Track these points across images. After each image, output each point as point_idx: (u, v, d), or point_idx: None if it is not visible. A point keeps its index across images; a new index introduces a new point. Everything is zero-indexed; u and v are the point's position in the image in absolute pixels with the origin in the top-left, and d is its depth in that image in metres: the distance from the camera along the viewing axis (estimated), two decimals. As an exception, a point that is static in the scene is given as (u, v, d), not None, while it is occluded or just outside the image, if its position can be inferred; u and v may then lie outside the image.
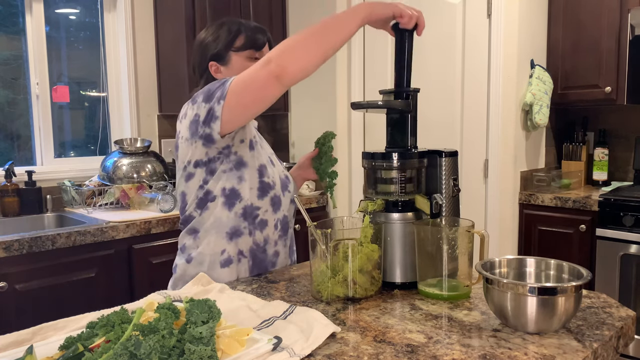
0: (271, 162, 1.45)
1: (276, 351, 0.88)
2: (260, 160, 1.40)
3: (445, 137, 2.92)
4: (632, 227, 2.48)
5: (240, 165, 1.35)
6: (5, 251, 1.97)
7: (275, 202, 1.42)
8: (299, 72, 1.19)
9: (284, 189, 1.45)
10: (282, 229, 1.47)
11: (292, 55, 1.17)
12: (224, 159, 1.34)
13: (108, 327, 0.86)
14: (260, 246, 1.42)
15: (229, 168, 1.34)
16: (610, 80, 2.77)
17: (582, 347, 0.90)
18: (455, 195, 1.31)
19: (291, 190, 1.49)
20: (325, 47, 1.19)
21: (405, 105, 1.29)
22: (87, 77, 3.05)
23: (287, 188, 1.48)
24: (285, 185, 1.46)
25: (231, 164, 1.34)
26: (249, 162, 1.36)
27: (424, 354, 0.90)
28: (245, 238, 1.39)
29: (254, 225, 1.39)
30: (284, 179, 1.47)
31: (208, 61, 1.44)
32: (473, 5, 2.79)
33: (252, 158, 1.37)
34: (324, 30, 1.19)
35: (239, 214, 1.36)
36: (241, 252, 1.39)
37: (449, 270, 1.17)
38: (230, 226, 1.36)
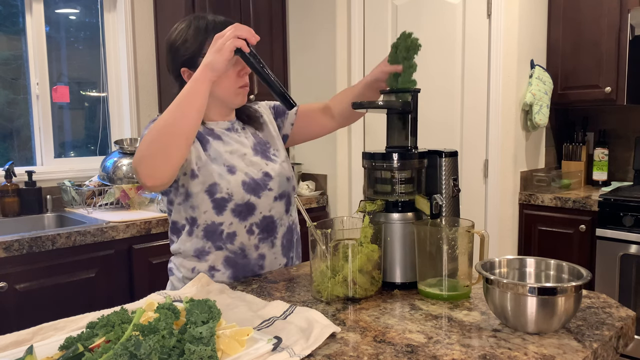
0: (230, 171, 1.37)
1: (276, 351, 0.88)
2: (209, 180, 1.35)
3: (445, 137, 2.92)
4: (632, 227, 2.48)
5: (188, 196, 1.37)
6: (5, 251, 1.97)
7: (240, 211, 1.37)
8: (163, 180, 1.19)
9: (254, 192, 1.38)
10: (262, 231, 1.41)
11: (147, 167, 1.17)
12: (175, 191, 1.39)
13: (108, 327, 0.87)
14: (239, 254, 1.39)
15: (181, 200, 1.38)
16: (610, 80, 2.77)
17: (582, 347, 0.90)
18: (455, 196, 1.31)
19: (273, 188, 1.41)
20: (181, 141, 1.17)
21: (405, 105, 1.29)
22: (87, 77, 3.05)
23: (264, 188, 1.40)
24: (256, 187, 1.39)
25: (182, 197, 1.38)
26: (194, 191, 1.35)
27: (424, 354, 0.90)
28: (213, 254, 1.39)
29: (222, 241, 1.38)
30: (255, 180, 1.39)
31: (180, 67, 1.38)
32: (473, 5, 2.79)
33: (197, 185, 1.35)
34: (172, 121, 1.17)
35: (200, 237, 1.39)
36: (213, 267, 1.39)
37: (449, 270, 1.17)
38: (194, 249, 1.40)
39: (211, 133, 1.41)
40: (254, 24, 3.11)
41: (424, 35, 2.97)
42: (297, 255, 1.56)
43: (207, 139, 1.39)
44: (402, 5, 3.02)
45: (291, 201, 1.49)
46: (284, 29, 3.30)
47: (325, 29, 3.12)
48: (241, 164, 1.40)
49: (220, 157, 1.38)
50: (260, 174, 1.41)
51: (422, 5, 2.96)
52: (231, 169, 1.38)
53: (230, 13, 2.99)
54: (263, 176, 1.41)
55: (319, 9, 3.14)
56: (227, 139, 1.42)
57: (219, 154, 1.38)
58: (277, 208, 1.44)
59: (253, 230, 1.40)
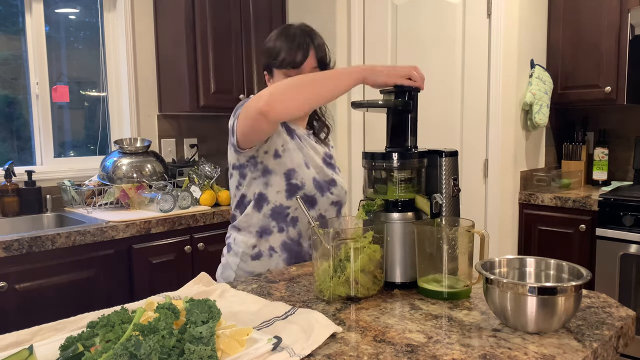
0: (306, 165, 1.52)
1: (276, 351, 0.88)
2: (289, 165, 1.49)
3: (445, 137, 2.92)
4: (632, 227, 2.48)
5: (266, 172, 1.50)
6: (5, 251, 1.97)
7: (306, 201, 1.49)
8: (284, 114, 1.33)
9: (320, 189, 1.53)
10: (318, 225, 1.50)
11: (280, 98, 1.30)
12: (252, 167, 1.50)
13: (108, 327, 0.86)
14: (295, 240, 1.53)
15: (257, 175, 1.50)
16: (610, 80, 2.77)
17: (582, 347, 0.90)
18: (455, 195, 1.31)
19: (334, 194, 1.56)
20: (313, 99, 1.33)
21: (405, 105, 1.29)
22: (87, 77, 3.05)
23: (327, 190, 1.54)
24: (322, 187, 1.53)
25: (258, 172, 1.50)
26: (274, 169, 1.49)
27: (424, 353, 0.90)
28: (276, 235, 1.52)
29: (285, 223, 1.51)
30: (322, 181, 1.54)
31: (264, 69, 1.56)
32: (473, 5, 2.79)
33: (277, 165, 1.49)
34: (315, 84, 1.32)
35: (267, 215, 1.51)
36: (272, 248, 1.53)
37: (449, 270, 1.17)
38: (259, 226, 1.52)
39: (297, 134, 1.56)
40: (254, 24, 3.11)
41: (424, 35, 2.97)
42: None
43: (293, 132, 1.55)
44: (402, 5, 3.02)
45: (341, 212, 1.63)
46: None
47: (325, 28, 3.12)
48: (314, 164, 1.54)
49: (302, 151, 1.53)
50: (327, 178, 1.56)
51: (422, 5, 2.96)
52: (307, 164, 1.53)
53: (230, 13, 2.99)
54: (329, 180, 1.56)
55: (319, 9, 3.14)
56: (306, 142, 1.57)
57: (302, 148, 1.53)
58: (331, 212, 1.57)
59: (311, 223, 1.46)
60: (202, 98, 2.89)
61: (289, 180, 1.50)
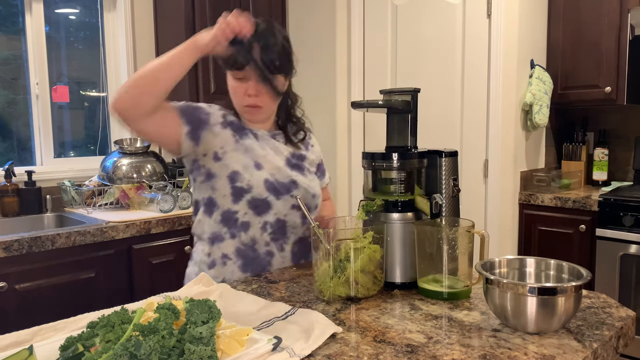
0: (256, 166, 1.43)
1: (276, 351, 0.88)
2: (232, 167, 1.42)
3: (445, 137, 2.92)
4: (632, 227, 2.48)
5: (210, 176, 1.44)
6: (5, 251, 1.97)
7: (257, 205, 1.42)
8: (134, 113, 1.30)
9: (274, 192, 1.43)
10: (275, 232, 1.46)
11: (123, 97, 1.29)
12: (197, 171, 1.47)
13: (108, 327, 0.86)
14: (249, 245, 1.45)
15: (203, 179, 1.45)
16: (610, 80, 2.77)
17: (582, 347, 0.90)
18: (455, 195, 1.31)
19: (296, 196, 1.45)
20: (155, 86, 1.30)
21: (405, 105, 1.29)
22: (87, 77, 3.05)
23: (286, 192, 1.44)
24: (277, 189, 1.43)
25: (203, 176, 1.45)
26: (217, 173, 1.42)
27: (424, 354, 0.90)
28: (228, 242, 1.45)
29: (236, 228, 1.44)
30: (279, 183, 1.44)
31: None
32: (473, 5, 2.79)
33: (220, 168, 1.42)
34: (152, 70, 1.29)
35: (217, 221, 1.45)
36: (225, 255, 1.45)
37: (449, 270, 1.17)
38: (211, 232, 1.46)
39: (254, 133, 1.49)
40: (253, 23, 3.10)
41: (424, 35, 2.97)
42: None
43: (247, 134, 1.48)
44: (402, 5, 3.02)
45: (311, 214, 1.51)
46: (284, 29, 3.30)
47: (325, 29, 3.12)
48: (270, 165, 1.46)
49: (251, 152, 1.44)
50: (287, 180, 1.46)
51: (422, 5, 2.96)
52: (258, 165, 1.44)
53: (230, 13, 2.99)
54: (289, 182, 1.46)
55: (319, 9, 3.14)
56: (265, 142, 1.49)
57: (252, 149, 1.45)
58: (293, 216, 1.47)
59: (266, 228, 1.45)
60: (202, 98, 2.89)
61: (233, 183, 1.41)
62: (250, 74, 1.40)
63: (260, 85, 1.41)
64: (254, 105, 1.44)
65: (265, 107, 1.46)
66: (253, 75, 1.40)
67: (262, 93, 1.42)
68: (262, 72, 1.36)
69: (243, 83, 1.42)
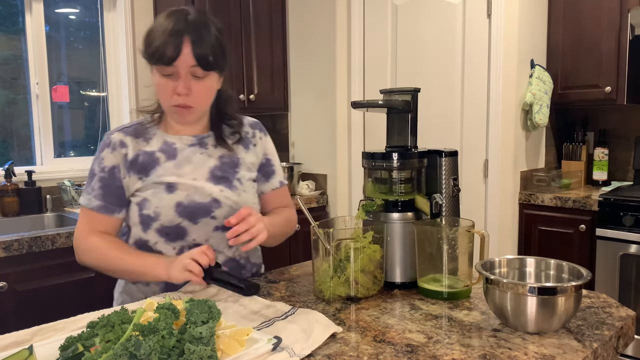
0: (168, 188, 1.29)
1: (276, 351, 0.88)
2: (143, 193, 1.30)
3: (445, 137, 2.92)
4: (632, 227, 2.48)
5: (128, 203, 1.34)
6: (5, 251, 1.97)
7: (168, 233, 1.29)
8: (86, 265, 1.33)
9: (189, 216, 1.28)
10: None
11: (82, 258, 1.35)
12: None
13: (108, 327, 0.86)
14: None
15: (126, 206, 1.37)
16: (610, 80, 2.77)
17: (582, 347, 0.90)
18: (455, 195, 1.31)
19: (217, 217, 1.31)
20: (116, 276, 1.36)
21: (405, 105, 1.29)
22: (87, 77, 3.05)
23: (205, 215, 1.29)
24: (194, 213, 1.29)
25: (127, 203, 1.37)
26: (131, 199, 1.33)
27: (424, 354, 0.90)
28: None
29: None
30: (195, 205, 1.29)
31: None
32: (473, 5, 2.79)
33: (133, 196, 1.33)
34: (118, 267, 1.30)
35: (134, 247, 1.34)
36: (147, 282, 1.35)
37: (449, 270, 1.17)
38: None
39: (167, 149, 1.33)
40: (254, 24, 3.11)
41: (424, 35, 2.97)
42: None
43: (157, 159, 1.32)
44: (402, 5, 3.02)
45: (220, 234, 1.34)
46: (284, 29, 3.30)
47: (325, 29, 3.12)
48: (186, 184, 1.30)
49: (163, 177, 1.30)
50: (207, 199, 1.30)
51: (422, 5, 2.96)
52: (171, 187, 1.29)
53: (230, 13, 2.99)
54: (210, 201, 1.30)
55: (319, 9, 3.14)
56: (183, 158, 1.33)
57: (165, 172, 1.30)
58: (217, 239, 1.32)
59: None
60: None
61: (140, 210, 1.29)
62: (180, 69, 1.22)
63: (191, 82, 1.24)
64: (184, 105, 1.26)
65: (197, 106, 1.29)
66: (183, 70, 1.22)
67: (194, 91, 1.25)
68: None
69: (171, 80, 1.24)
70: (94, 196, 1.32)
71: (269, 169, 1.46)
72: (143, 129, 1.36)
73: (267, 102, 3.21)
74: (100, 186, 1.32)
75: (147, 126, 1.37)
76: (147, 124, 1.37)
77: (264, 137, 1.46)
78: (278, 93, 3.28)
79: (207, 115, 1.38)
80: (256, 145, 1.43)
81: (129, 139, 1.33)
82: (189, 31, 1.21)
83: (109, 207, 1.31)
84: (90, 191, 1.32)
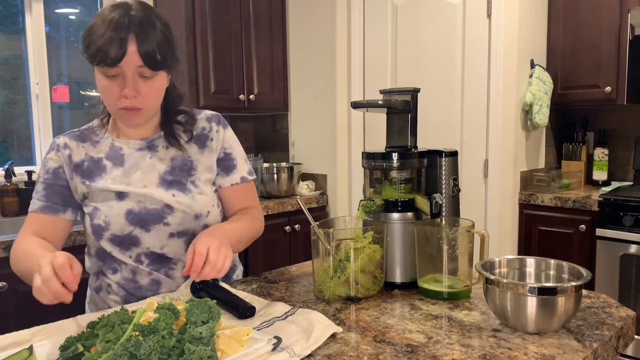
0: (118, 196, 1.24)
1: (276, 351, 0.88)
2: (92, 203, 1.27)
3: (445, 137, 2.92)
4: (632, 227, 2.48)
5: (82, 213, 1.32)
6: (5, 251, 1.97)
7: (120, 241, 1.25)
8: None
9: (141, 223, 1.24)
10: (153, 262, 1.27)
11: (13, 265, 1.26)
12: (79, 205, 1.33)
13: (108, 327, 0.87)
14: (130, 279, 1.28)
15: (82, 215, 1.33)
16: (610, 80, 2.77)
17: (582, 347, 0.90)
18: (455, 195, 1.31)
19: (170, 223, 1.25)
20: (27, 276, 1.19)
21: (405, 105, 1.29)
22: (87, 77, 3.05)
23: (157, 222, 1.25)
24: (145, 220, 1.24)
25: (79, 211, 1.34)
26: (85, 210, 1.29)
27: (424, 354, 0.90)
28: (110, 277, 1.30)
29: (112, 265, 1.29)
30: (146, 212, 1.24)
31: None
32: (473, 5, 2.79)
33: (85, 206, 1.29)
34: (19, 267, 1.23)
35: (95, 258, 1.32)
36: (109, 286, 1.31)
37: (449, 270, 1.17)
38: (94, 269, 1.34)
39: (114, 156, 1.28)
40: (254, 24, 3.11)
41: (424, 35, 2.97)
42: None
43: (104, 167, 1.27)
44: (402, 5, 3.02)
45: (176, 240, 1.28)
46: (284, 29, 3.30)
47: (325, 29, 3.12)
48: (136, 191, 1.25)
49: (112, 186, 1.25)
50: (159, 205, 1.25)
51: (422, 5, 2.96)
52: (121, 195, 1.25)
53: (230, 13, 2.99)
54: (162, 207, 1.25)
55: (319, 9, 3.14)
56: (130, 164, 1.27)
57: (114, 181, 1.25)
58: (173, 246, 1.27)
59: (141, 260, 1.27)
60: (202, 98, 2.89)
61: (92, 220, 1.25)
62: (125, 70, 1.14)
63: (138, 82, 1.16)
64: (132, 107, 1.18)
65: (146, 108, 1.21)
66: (129, 70, 1.14)
67: (142, 92, 1.17)
68: None
69: (117, 81, 1.16)
70: (37, 199, 1.28)
71: (228, 162, 1.35)
72: (90, 133, 1.32)
73: (267, 102, 3.21)
74: (43, 187, 1.28)
75: (96, 130, 1.32)
76: (96, 127, 1.33)
77: (221, 130, 1.35)
78: (278, 93, 3.28)
79: (157, 115, 1.31)
80: (213, 140, 1.33)
81: (74, 143, 1.30)
82: (134, 28, 1.12)
83: (52, 207, 1.27)
84: (34, 195, 1.29)
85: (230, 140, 1.37)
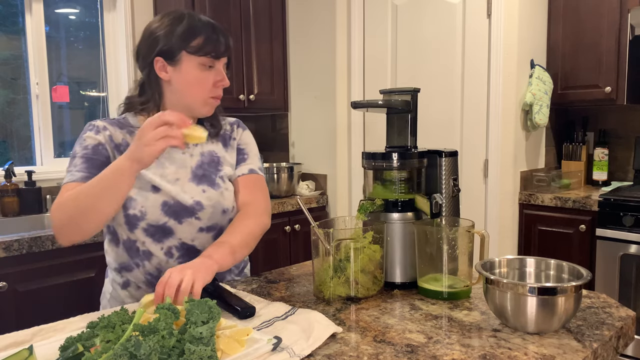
0: (154, 188, 1.28)
1: (276, 351, 0.88)
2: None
3: (445, 137, 2.92)
4: (632, 227, 2.48)
5: None
6: (5, 251, 1.97)
7: (154, 232, 1.28)
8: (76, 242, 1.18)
9: (175, 215, 1.28)
10: (183, 256, 1.31)
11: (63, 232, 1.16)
12: None
13: (108, 327, 0.86)
14: (155, 275, 1.31)
15: None
16: (610, 80, 2.77)
17: (582, 347, 0.90)
18: (455, 195, 1.31)
19: (201, 218, 1.31)
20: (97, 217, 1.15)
21: (405, 105, 1.29)
22: (87, 77, 3.05)
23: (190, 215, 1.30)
24: (178, 213, 1.29)
25: None
26: None
27: (424, 354, 0.90)
28: (136, 272, 1.32)
29: (139, 258, 1.31)
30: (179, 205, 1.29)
31: (154, 55, 1.30)
32: (473, 5, 2.79)
33: None
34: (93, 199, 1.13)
35: (122, 250, 1.32)
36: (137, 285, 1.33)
37: (449, 270, 1.17)
38: (117, 263, 1.34)
39: None
40: (254, 23, 3.11)
41: (424, 35, 2.97)
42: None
43: None
44: (402, 5, 3.02)
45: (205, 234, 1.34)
46: (284, 29, 3.30)
47: (325, 29, 3.12)
48: (169, 186, 1.29)
49: (147, 174, 1.28)
50: (191, 201, 1.30)
51: (422, 5, 2.96)
52: (156, 187, 1.28)
53: (230, 13, 2.99)
54: (193, 204, 1.30)
55: (319, 9, 3.14)
56: (164, 157, 1.32)
57: (148, 171, 1.28)
58: (202, 240, 1.33)
59: (172, 253, 1.31)
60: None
61: (126, 210, 1.27)
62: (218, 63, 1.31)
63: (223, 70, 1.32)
64: (219, 96, 1.33)
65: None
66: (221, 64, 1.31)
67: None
68: None
69: (211, 72, 1.30)
70: (76, 171, 1.25)
71: (241, 156, 1.43)
72: (126, 122, 1.35)
73: (267, 102, 3.21)
74: (83, 161, 1.26)
75: (130, 121, 1.36)
76: (131, 119, 1.36)
77: (241, 131, 1.46)
78: (278, 93, 3.28)
79: None
80: (234, 139, 1.44)
81: (112, 127, 1.32)
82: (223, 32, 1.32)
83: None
84: (72, 168, 1.26)
85: (247, 139, 1.47)
